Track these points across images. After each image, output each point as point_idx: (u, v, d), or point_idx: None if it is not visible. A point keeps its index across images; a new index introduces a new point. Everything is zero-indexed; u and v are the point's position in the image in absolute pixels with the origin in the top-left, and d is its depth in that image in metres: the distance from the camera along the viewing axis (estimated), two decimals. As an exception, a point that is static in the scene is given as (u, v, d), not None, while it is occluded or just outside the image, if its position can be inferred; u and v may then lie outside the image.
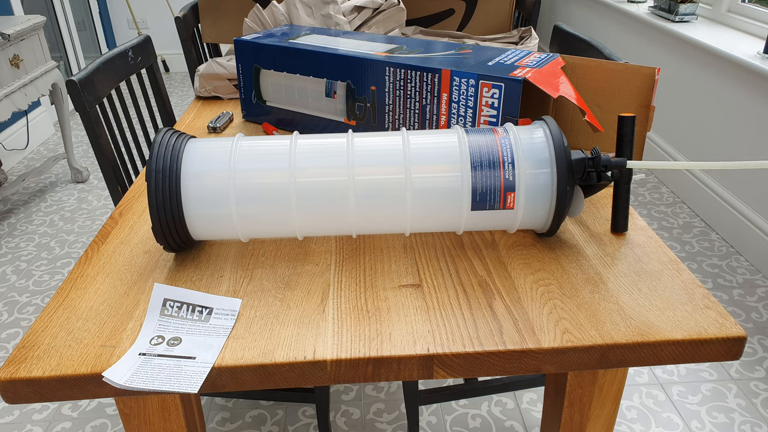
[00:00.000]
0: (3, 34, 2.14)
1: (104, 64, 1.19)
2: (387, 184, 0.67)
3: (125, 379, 0.55)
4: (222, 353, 0.58)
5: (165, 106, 1.41)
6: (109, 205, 2.46)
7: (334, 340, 0.59)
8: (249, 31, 1.30)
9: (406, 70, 0.92)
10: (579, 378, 0.74)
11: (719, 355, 0.60)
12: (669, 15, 2.42)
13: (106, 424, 1.46)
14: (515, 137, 0.69)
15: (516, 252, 0.73)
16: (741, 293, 1.81)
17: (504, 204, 0.68)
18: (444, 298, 0.65)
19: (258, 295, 0.66)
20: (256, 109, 1.13)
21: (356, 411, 1.46)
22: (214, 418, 1.46)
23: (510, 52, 0.94)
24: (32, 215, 2.41)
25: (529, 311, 0.62)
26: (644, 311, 0.62)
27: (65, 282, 0.70)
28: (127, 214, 0.84)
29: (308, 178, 0.67)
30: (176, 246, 0.71)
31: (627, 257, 0.71)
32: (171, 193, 0.66)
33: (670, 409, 1.43)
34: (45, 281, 1.99)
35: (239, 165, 0.68)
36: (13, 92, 2.25)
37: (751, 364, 1.56)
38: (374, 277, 0.69)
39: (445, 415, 1.45)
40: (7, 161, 2.82)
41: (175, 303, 0.64)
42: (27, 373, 0.57)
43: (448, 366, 0.58)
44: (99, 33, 3.98)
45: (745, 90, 1.96)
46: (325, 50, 0.99)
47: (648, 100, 0.85)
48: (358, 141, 0.69)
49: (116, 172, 1.16)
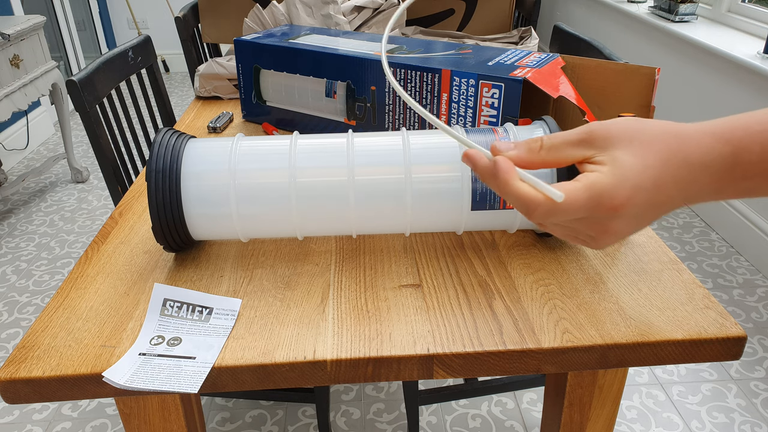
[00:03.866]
0: (3, 34, 2.14)
1: (104, 64, 1.19)
2: (387, 184, 0.67)
3: (125, 379, 0.55)
4: (222, 353, 0.58)
5: (165, 106, 1.41)
6: (109, 205, 2.46)
7: (334, 340, 0.59)
8: (249, 31, 1.30)
9: (406, 70, 0.92)
10: (579, 378, 0.74)
11: (719, 355, 0.60)
12: (669, 15, 2.42)
13: (106, 424, 1.46)
14: (515, 137, 0.69)
15: (516, 252, 0.73)
16: (741, 293, 1.81)
17: (504, 204, 0.68)
18: (444, 298, 0.65)
19: (258, 295, 0.66)
20: (256, 109, 1.13)
21: (356, 411, 1.46)
22: (214, 418, 1.46)
23: (510, 52, 0.94)
24: (32, 215, 2.41)
25: (529, 311, 0.62)
26: (644, 311, 0.62)
27: (65, 282, 0.70)
28: (127, 214, 0.84)
29: (308, 178, 0.67)
30: (176, 246, 0.71)
31: (627, 257, 0.71)
32: (171, 193, 0.66)
33: (670, 409, 1.43)
34: (45, 281, 1.99)
35: (239, 165, 0.68)
36: (13, 92, 2.25)
37: (751, 364, 1.56)
38: (374, 277, 0.69)
39: (445, 415, 1.45)
40: (7, 161, 2.82)
41: (175, 303, 0.64)
42: (27, 373, 0.57)
43: (448, 366, 0.58)
44: (99, 33, 3.98)
45: (745, 90, 1.96)
46: (325, 50, 0.99)
47: (648, 100, 0.85)
48: (358, 141, 0.69)
49: (116, 172, 1.16)
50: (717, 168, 0.40)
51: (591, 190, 0.40)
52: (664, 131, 0.41)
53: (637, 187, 0.40)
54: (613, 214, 0.41)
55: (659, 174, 0.40)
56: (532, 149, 0.43)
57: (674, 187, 0.41)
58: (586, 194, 0.40)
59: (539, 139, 0.44)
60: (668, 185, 0.41)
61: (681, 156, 0.40)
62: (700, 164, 0.40)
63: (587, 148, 0.42)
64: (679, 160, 0.40)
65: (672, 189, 0.41)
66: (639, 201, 0.40)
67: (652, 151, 0.41)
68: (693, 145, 0.41)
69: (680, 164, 0.40)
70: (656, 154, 0.41)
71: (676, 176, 0.40)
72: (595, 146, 0.42)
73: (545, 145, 0.43)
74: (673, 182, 0.41)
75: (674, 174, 0.40)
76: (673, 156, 0.40)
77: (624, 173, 0.40)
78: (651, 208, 0.41)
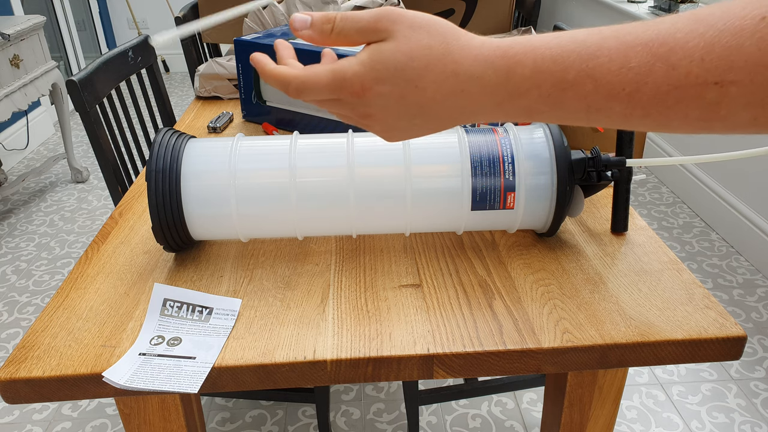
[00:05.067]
0: (3, 34, 2.14)
1: (104, 64, 1.19)
2: (387, 184, 0.67)
3: (125, 379, 0.55)
4: (222, 353, 0.58)
5: (165, 106, 1.41)
6: (109, 205, 2.46)
7: (334, 340, 0.59)
8: (249, 31, 1.30)
9: (406, 70, 0.91)
10: (579, 378, 0.74)
11: (719, 355, 0.60)
12: (669, 15, 2.42)
13: (106, 424, 1.46)
14: (515, 137, 0.69)
15: (516, 252, 0.73)
16: (741, 293, 1.81)
17: (504, 204, 0.68)
18: (444, 298, 0.65)
19: (258, 295, 0.66)
20: (256, 109, 1.13)
21: (356, 411, 1.46)
22: (214, 418, 1.46)
23: (510, 52, 0.94)
24: (32, 215, 2.41)
25: (529, 311, 0.62)
26: (644, 311, 0.62)
27: (65, 282, 0.70)
28: (127, 214, 0.84)
29: (308, 178, 0.67)
30: (176, 246, 0.71)
31: (627, 257, 0.71)
32: (171, 193, 0.66)
33: (670, 409, 1.43)
34: (45, 281, 1.99)
35: (239, 165, 0.68)
36: (13, 92, 2.25)
37: (751, 364, 1.56)
38: (374, 277, 0.69)
39: (445, 415, 1.45)
40: (7, 161, 2.82)
41: (175, 303, 0.64)
42: (27, 373, 0.57)
43: (448, 366, 0.58)
44: (99, 33, 3.99)
45: (745, 90, 1.96)
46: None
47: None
48: (358, 141, 0.69)
49: (116, 172, 1.16)
50: (489, 80, 0.40)
51: (334, 73, 0.43)
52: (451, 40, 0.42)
53: (383, 77, 0.41)
54: (357, 100, 0.43)
55: (419, 74, 0.41)
56: (324, 31, 0.45)
57: (436, 91, 0.41)
58: (329, 76, 0.43)
59: (332, 19, 0.45)
60: (429, 87, 0.41)
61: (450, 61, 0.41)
62: (468, 74, 0.40)
63: (372, 35, 0.43)
64: (445, 65, 0.41)
65: (434, 91, 0.41)
66: (385, 91, 0.42)
67: (422, 50, 0.41)
68: (468, 56, 0.41)
69: (446, 70, 0.41)
70: (424, 54, 0.41)
71: (439, 78, 0.41)
72: (378, 35, 0.43)
73: (336, 28, 0.44)
74: (435, 84, 0.41)
75: (437, 76, 0.41)
76: (439, 60, 0.41)
77: (374, 64, 0.42)
78: (409, 106, 0.42)
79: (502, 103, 0.41)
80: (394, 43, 0.42)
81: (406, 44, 0.41)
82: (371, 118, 0.44)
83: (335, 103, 0.45)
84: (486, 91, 0.40)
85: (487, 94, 0.41)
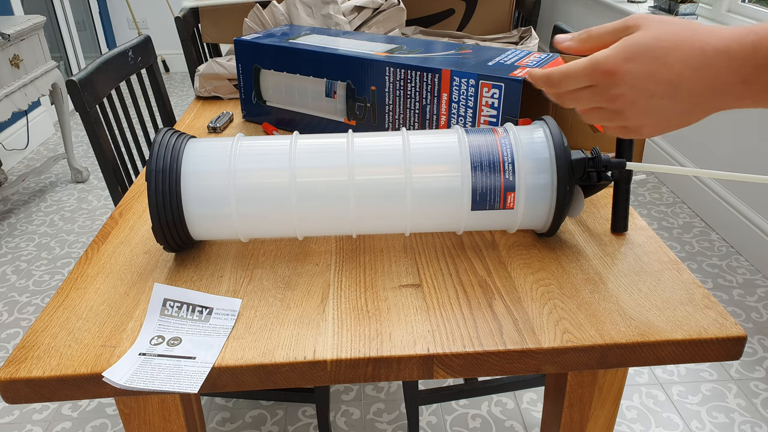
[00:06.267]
0: (3, 34, 2.14)
1: (104, 64, 1.19)
2: (387, 184, 0.67)
3: (125, 379, 0.55)
4: (222, 353, 0.58)
5: (165, 106, 1.41)
6: (109, 205, 2.46)
7: (334, 340, 0.59)
8: (249, 31, 1.30)
9: (406, 70, 0.92)
10: (579, 378, 0.74)
11: (719, 355, 0.60)
12: (669, 15, 2.42)
13: (106, 424, 1.46)
14: (515, 137, 0.69)
15: (516, 252, 0.73)
16: (741, 293, 1.81)
17: (504, 204, 0.68)
18: (444, 298, 0.65)
19: (258, 295, 0.66)
20: (256, 109, 1.13)
21: (356, 411, 1.46)
22: (214, 418, 1.46)
23: (510, 52, 0.94)
24: (32, 215, 2.41)
25: (529, 311, 0.62)
26: (644, 311, 0.62)
27: (65, 282, 0.70)
28: (127, 214, 0.84)
29: (308, 178, 0.67)
30: (176, 246, 0.71)
31: (627, 257, 0.71)
32: (171, 193, 0.66)
33: (670, 409, 1.43)
34: (45, 281, 1.99)
35: (239, 165, 0.68)
36: (13, 92, 2.25)
37: (751, 364, 1.56)
38: (374, 277, 0.69)
39: (445, 415, 1.45)
40: (7, 161, 2.82)
41: (175, 303, 0.64)
42: (27, 373, 0.57)
43: (448, 366, 0.58)
44: (99, 33, 3.99)
45: (745, 90, 1.96)
46: (325, 50, 0.99)
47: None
48: (358, 141, 0.69)
49: (116, 172, 1.16)
50: (736, 52, 0.42)
51: (589, 60, 0.47)
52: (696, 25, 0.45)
53: (633, 56, 0.45)
54: (608, 80, 0.46)
55: (667, 52, 0.44)
56: (582, 39, 0.51)
57: (684, 66, 0.44)
58: (585, 62, 0.47)
59: (589, 30, 0.51)
60: (676, 63, 0.44)
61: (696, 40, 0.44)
62: (715, 49, 0.43)
63: (623, 32, 0.48)
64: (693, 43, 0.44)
65: (681, 67, 0.44)
66: (635, 69, 0.45)
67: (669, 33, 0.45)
68: (714, 35, 0.44)
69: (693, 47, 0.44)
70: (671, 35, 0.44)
71: (686, 55, 0.44)
72: (628, 31, 0.47)
73: (592, 34, 0.50)
74: (682, 61, 0.44)
75: (684, 53, 0.44)
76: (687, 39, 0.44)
77: (624, 46, 0.46)
78: (658, 83, 0.45)
79: (748, 80, 0.42)
80: (642, 31, 0.46)
81: (653, 30, 0.45)
82: (622, 99, 0.47)
83: (590, 92, 0.48)
84: (732, 66, 0.42)
85: (734, 69, 0.43)
